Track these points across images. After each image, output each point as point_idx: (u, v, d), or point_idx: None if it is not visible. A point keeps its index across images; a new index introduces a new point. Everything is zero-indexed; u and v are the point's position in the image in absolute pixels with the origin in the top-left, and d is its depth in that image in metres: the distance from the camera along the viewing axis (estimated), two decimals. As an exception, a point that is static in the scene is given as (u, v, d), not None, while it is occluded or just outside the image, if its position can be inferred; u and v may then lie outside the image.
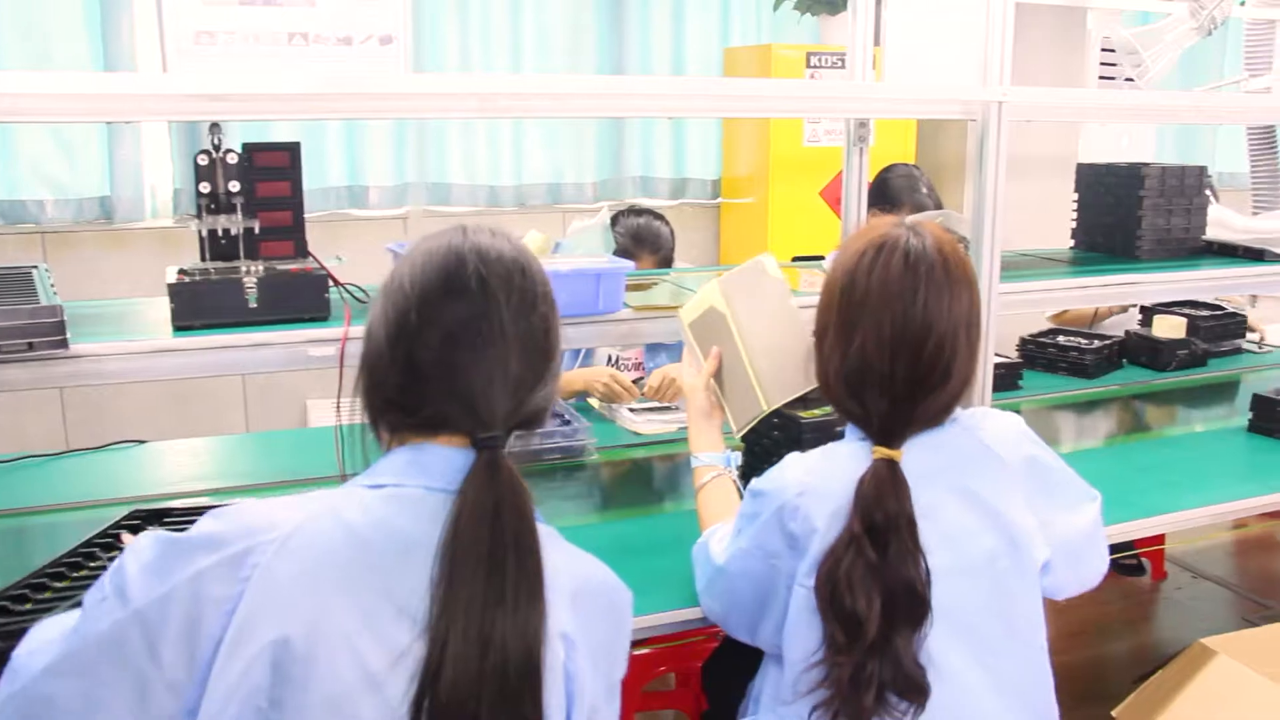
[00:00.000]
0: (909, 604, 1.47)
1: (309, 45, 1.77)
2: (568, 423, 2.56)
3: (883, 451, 1.52)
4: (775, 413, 2.15)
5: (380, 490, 1.19)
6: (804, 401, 2.26)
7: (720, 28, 5.06)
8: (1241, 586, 4.15)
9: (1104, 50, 2.85)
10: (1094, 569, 1.75)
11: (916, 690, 1.47)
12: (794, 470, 1.57)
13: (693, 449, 1.93)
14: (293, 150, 1.99)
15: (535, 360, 1.24)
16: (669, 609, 1.81)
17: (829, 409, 2.11)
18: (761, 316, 1.91)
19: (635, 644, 2.26)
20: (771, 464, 1.62)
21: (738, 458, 1.94)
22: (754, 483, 1.62)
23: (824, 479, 1.54)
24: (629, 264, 2.11)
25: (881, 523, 1.47)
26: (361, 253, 2.31)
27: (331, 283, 1.98)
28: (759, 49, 4.81)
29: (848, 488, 1.51)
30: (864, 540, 1.46)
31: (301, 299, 1.92)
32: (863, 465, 1.52)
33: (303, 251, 2.02)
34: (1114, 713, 2.38)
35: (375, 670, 1.09)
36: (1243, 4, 3.40)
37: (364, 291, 2.09)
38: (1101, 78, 2.84)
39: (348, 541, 1.13)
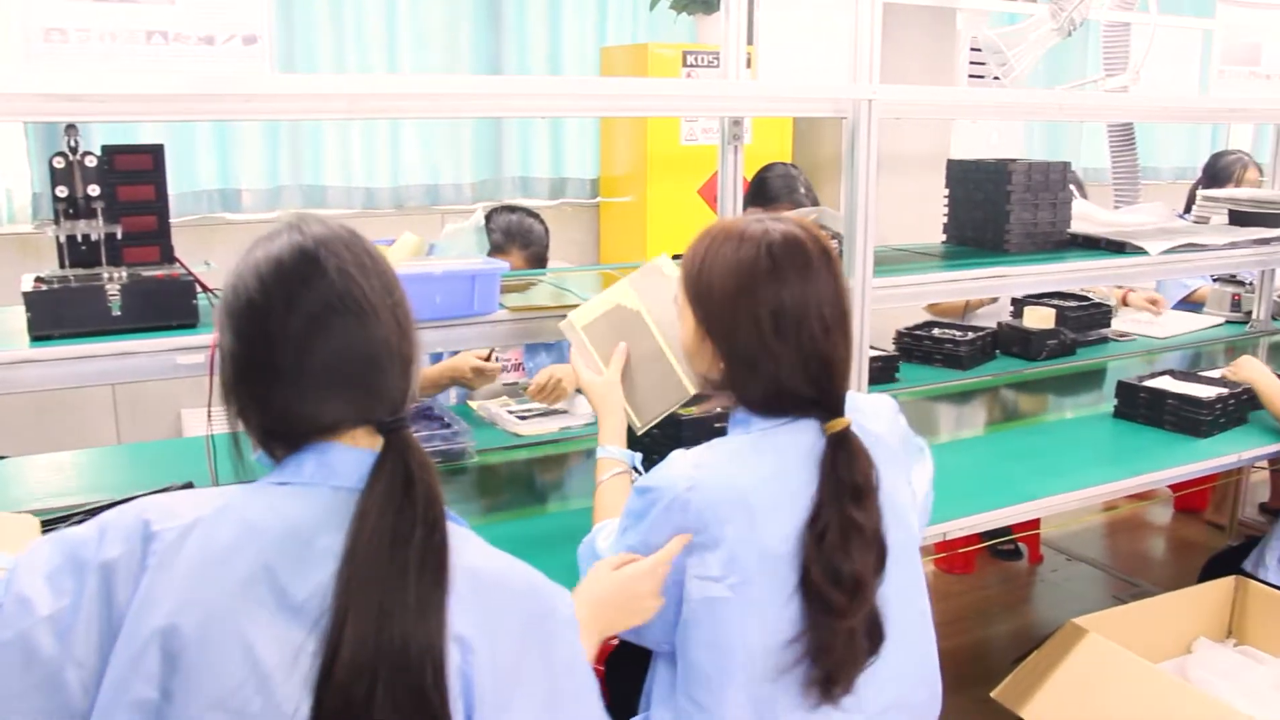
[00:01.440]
0: (879, 553, 1.55)
1: (169, 44, 1.72)
2: (447, 425, 2.53)
3: (841, 423, 1.55)
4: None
5: (285, 488, 1.18)
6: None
7: (597, 27, 5.06)
8: (1113, 566, 4.30)
9: (973, 50, 2.91)
10: (928, 516, 1.87)
11: (880, 632, 1.55)
12: (680, 465, 1.57)
13: (602, 441, 1.91)
14: (155, 152, 1.93)
15: (406, 336, 1.23)
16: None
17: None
18: (667, 313, 1.93)
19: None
20: (655, 464, 1.63)
21: (640, 456, 1.93)
22: (640, 480, 1.61)
23: (713, 473, 1.55)
24: (504, 264, 2.09)
25: (862, 483, 1.53)
26: (234, 257, 2.24)
27: (200, 289, 1.92)
28: (635, 48, 4.82)
29: (741, 479, 1.53)
30: (849, 504, 1.51)
31: (167, 306, 1.86)
32: (759, 457, 1.55)
33: (168, 257, 1.96)
34: (993, 694, 2.44)
35: (268, 670, 1.07)
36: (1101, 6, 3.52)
37: (235, 297, 2.03)
38: (971, 76, 2.90)
39: (248, 537, 1.12)
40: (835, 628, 1.50)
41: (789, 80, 2.28)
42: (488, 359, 2.87)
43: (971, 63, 2.90)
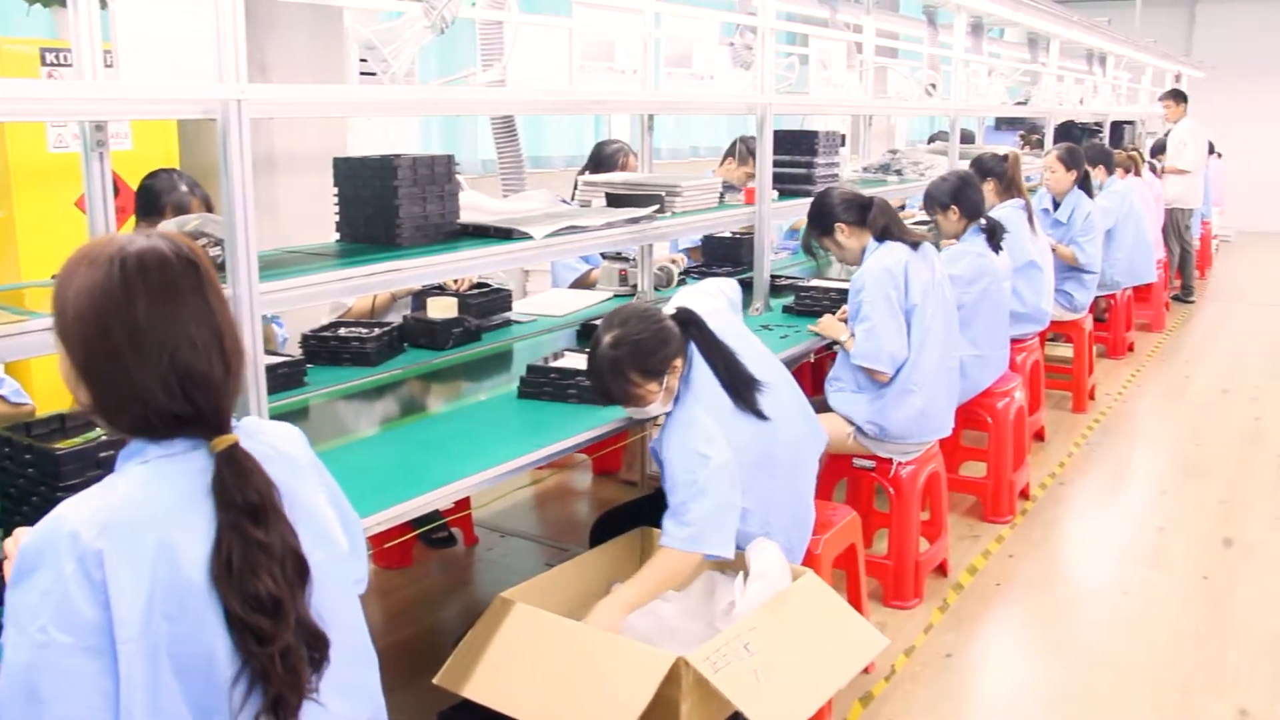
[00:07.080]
0: (297, 567, 1.50)
1: None
2: None
3: (226, 440, 1.49)
4: (27, 447, 1.94)
5: None
6: (63, 430, 2.08)
7: (-72, 19, 4.47)
8: (543, 535, 4.56)
9: (363, 48, 2.92)
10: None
11: (322, 641, 1.52)
12: (77, 513, 1.40)
13: None
14: None
15: None
16: None
17: (92, 435, 1.96)
18: None
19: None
20: (36, 507, 1.46)
21: None
22: (26, 540, 1.40)
23: (126, 507, 1.42)
24: None
25: (258, 502, 1.47)
26: None
27: None
28: (-18, 44, 4.30)
29: (149, 515, 1.42)
30: (247, 524, 1.45)
31: None
32: (161, 489, 1.45)
33: None
34: (435, 680, 2.47)
35: None
36: (474, 4, 3.67)
37: None
38: (363, 74, 2.91)
39: None
40: (270, 652, 1.45)
41: (150, 81, 2.14)
42: None
43: (362, 60, 2.91)
